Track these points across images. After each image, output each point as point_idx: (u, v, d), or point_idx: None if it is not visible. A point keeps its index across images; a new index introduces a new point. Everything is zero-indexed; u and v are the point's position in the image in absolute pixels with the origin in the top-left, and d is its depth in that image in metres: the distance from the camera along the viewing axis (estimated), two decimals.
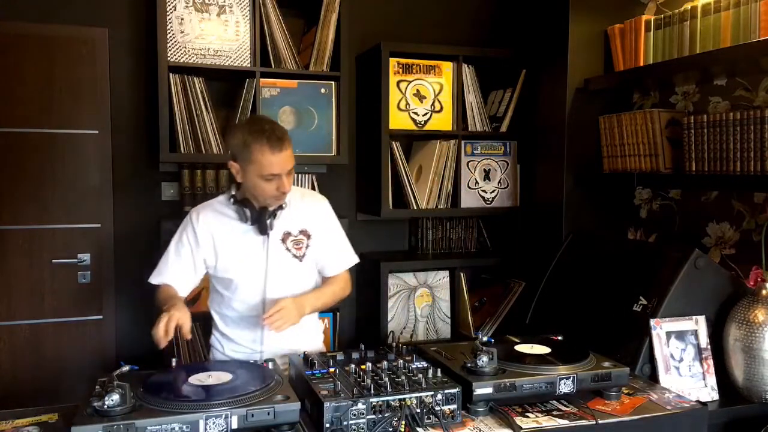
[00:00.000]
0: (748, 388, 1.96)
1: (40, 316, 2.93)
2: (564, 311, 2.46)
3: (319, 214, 2.14)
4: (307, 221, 2.08)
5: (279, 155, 1.87)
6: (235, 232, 2.01)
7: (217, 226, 2.02)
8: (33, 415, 1.65)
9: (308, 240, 2.07)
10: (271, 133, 1.88)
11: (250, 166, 1.89)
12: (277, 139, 1.88)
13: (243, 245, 2.02)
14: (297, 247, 2.05)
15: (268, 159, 1.87)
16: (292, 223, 2.06)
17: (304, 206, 2.10)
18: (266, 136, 1.86)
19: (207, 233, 2.02)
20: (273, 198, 1.95)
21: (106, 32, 2.95)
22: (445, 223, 3.38)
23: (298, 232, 2.06)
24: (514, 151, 3.30)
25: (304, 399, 1.58)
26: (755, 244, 2.33)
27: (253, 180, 1.91)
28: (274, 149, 1.87)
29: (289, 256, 2.04)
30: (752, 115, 2.13)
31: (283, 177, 1.91)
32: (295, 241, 2.05)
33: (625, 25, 2.73)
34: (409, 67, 3.10)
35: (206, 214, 2.04)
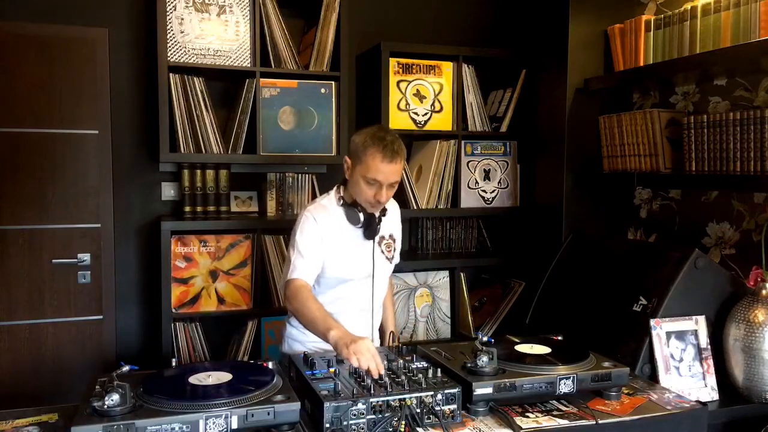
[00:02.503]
0: (748, 388, 1.96)
1: (40, 316, 2.94)
2: (564, 311, 2.46)
3: (398, 220, 2.31)
4: (392, 227, 2.24)
5: (387, 165, 1.97)
6: (345, 233, 2.09)
7: (330, 226, 2.09)
8: (33, 415, 1.65)
9: (394, 243, 2.24)
10: (389, 143, 1.99)
11: (359, 166, 2.00)
12: (392, 151, 1.98)
13: (352, 246, 2.10)
14: (388, 249, 2.21)
15: (377, 165, 1.96)
16: (385, 228, 2.18)
17: (391, 213, 2.22)
18: (384, 144, 1.97)
19: (324, 232, 2.07)
20: (368, 203, 2.04)
21: (106, 32, 2.95)
22: (445, 223, 3.38)
23: (389, 236, 2.22)
24: (514, 151, 3.30)
25: (304, 399, 1.58)
26: (755, 244, 2.33)
27: (357, 179, 2.02)
28: (386, 158, 1.96)
29: (383, 258, 2.19)
30: (752, 115, 2.13)
31: (384, 187, 2.00)
32: (387, 244, 2.20)
33: (625, 25, 2.73)
34: (409, 67, 3.11)
35: (319, 213, 2.09)
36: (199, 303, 2.85)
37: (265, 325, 2.94)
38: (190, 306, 2.83)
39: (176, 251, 2.79)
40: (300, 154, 2.96)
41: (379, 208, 2.08)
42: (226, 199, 3.02)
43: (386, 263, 2.21)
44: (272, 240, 2.92)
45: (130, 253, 3.06)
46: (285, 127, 2.94)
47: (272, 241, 2.92)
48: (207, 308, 2.85)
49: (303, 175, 3.11)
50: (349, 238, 2.10)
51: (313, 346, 2.11)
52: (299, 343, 2.17)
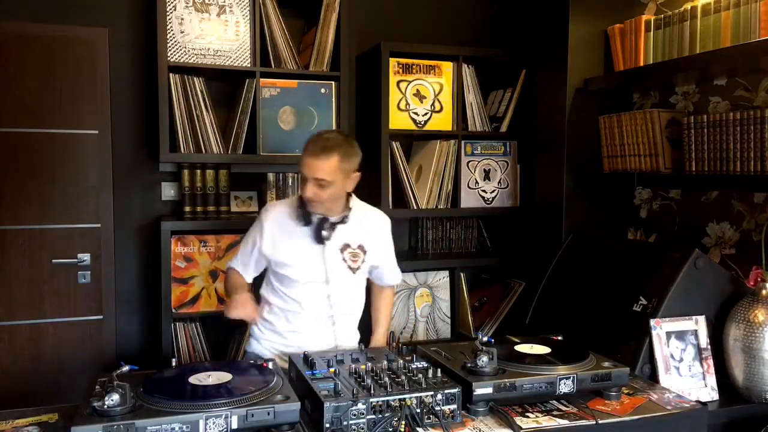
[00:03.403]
0: (748, 388, 1.96)
1: (40, 316, 2.93)
2: (564, 311, 2.46)
3: (379, 232, 2.25)
4: (366, 237, 2.18)
5: (312, 159, 1.99)
6: (296, 232, 2.10)
7: (285, 223, 2.12)
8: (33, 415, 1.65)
9: (364, 255, 2.17)
10: (320, 140, 2.03)
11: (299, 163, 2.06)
12: (320, 147, 2.00)
13: (303, 247, 2.10)
14: (353, 259, 2.15)
15: (304, 159, 2.02)
16: (353, 236, 2.15)
17: (366, 223, 2.20)
18: (314, 140, 2.03)
19: (272, 228, 2.13)
20: (305, 200, 2.05)
21: (106, 32, 2.95)
22: (445, 223, 3.38)
23: (357, 246, 2.16)
24: (514, 151, 3.30)
25: (304, 399, 1.58)
26: (755, 244, 2.33)
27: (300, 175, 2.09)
28: (311, 152, 2.00)
29: (344, 266, 2.14)
30: (752, 115, 2.13)
31: (310, 183, 2.00)
32: (353, 253, 2.15)
33: (625, 25, 2.73)
34: (409, 67, 3.11)
35: (276, 210, 2.17)
36: (199, 303, 2.85)
37: None
38: (190, 306, 2.83)
39: (176, 251, 2.79)
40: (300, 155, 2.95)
41: (315, 206, 2.05)
42: (226, 199, 3.02)
43: (346, 272, 2.15)
44: None
45: (130, 253, 3.06)
46: (285, 127, 2.94)
47: None
48: (207, 308, 2.85)
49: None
50: (301, 239, 2.10)
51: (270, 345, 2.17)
52: (256, 341, 2.22)
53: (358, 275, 2.18)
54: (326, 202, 2.05)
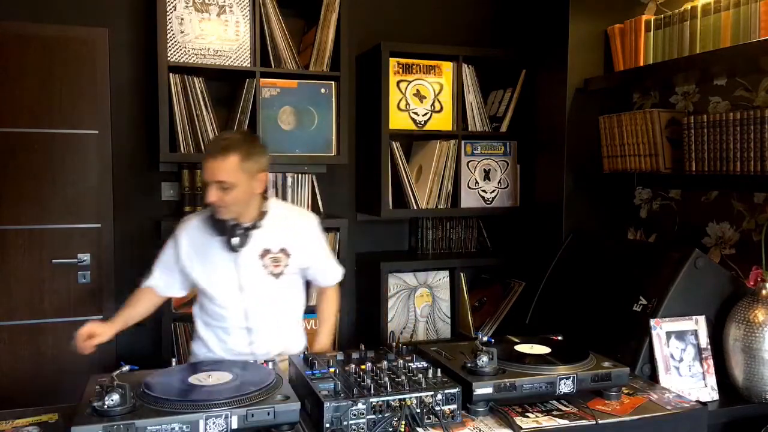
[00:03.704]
0: (748, 388, 1.96)
1: (40, 316, 2.93)
2: (564, 311, 2.46)
3: (303, 232, 2.12)
4: (288, 240, 2.07)
5: (211, 161, 1.88)
6: (212, 245, 2.01)
7: (198, 236, 2.05)
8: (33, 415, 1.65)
9: (287, 258, 2.06)
10: (219, 141, 1.94)
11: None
12: (218, 148, 1.89)
13: (217, 258, 2.02)
14: (275, 264, 2.04)
15: (203, 162, 1.91)
16: (273, 240, 2.04)
17: (287, 225, 2.08)
18: (213, 142, 1.94)
19: (187, 242, 2.06)
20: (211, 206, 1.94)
21: (106, 32, 2.94)
22: (445, 223, 3.38)
23: (278, 250, 2.05)
24: (514, 151, 3.30)
25: (304, 399, 1.58)
26: (755, 244, 2.33)
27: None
28: (209, 155, 1.89)
29: (265, 273, 2.04)
30: (752, 115, 2.13)
31: (212, 188, 1.88)
32: (274, 258, 2.04)
33: (625, 25, 2.73)
34: (409, 67, 3.10)
35: (191, 224, 2.08)
36: None
37: None
38: (190, 306, 2.82)
39: None
40: (300, 154, 2.96)
41: (222, 212, 1.93)
42: None
43: (267, 278, 2.04)
44: None
45: (130, 253, 3.06)
46: (285, 127, 2.94)
47: None
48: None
49: (303, 175, 3.11)
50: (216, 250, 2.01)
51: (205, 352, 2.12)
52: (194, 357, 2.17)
53: (282, 280, 2.06)
54: (232, 206, 1.92)
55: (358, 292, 3.33)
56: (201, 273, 2.05)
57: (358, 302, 3.33)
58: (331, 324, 2.27)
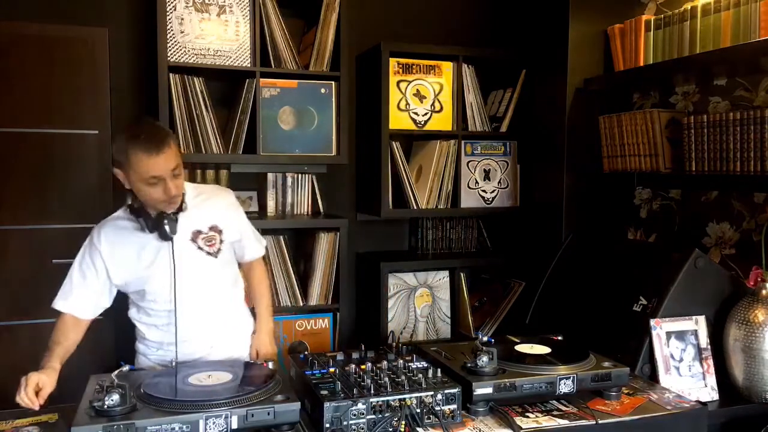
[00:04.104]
0: (748, 388, 1.96)
1: (40, 316, 2.93)
2: (564, 311, 2.46)
3: (227, 207, 2.10)
4: (215, 216, 2.03)
5: (156, 158, 1.78)
6: (139, 244, 1.94)
7: (120, 241, 1.95)
8: (33, 415, 1.65)
9: (220, 235, 2.02)
10: (147, 135, 1.80)
11: (131, 171, 1.81)
12: (154, 142, 1.79)
13: (149, 255, 1.95)
14: (210, 244, 2.00)
15: (145, 163, 1.78)
16: (200, 220, 2.00)
17: (209, 202, 2.05)
18: (141, 140, 1.79)
19: (110, 251, 1.94)
20: (163, 203, 1.87)
21: (106, 32, 2.94)
22: (445, 223, 3.38)
23: (208, 229, 2.01)
24: (514, 151, 3.30)
25: (304, 399, 1.58)
26: (755, 244, 2.33)
27: (138, 186, 1.84)
28: (151, 152, 1.78)
29: (202, 254, 1.99)
30: (752, 115, 2.13)
31: (168, 180, 1.82)
32: (207, 238, 2.00)
33: (625, 25, 2.73)
34: (409, 67, 3.10)
35: (107, 231, 1.97)
36: None
37: None
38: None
39: None
40: (300, 154, 2.95)
41: (176, 203, 1.89)
42: None
43: (207, 259, 1.99)
44: (272, 240, 2.91)
45: None
46: (285, 127, 2.94)
47: (272, 241, 2.91)
48: None
49: (303, 175, 3.11)
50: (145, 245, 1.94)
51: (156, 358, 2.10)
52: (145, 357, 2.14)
53: (221, 258, 2.02)
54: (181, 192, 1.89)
55: (358, 292, 3.33)
56: (133, 274, 1.95)
57: (358, 302, 3.33)
58: (269, 297, 2.23)
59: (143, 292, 1.99)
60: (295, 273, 2.96)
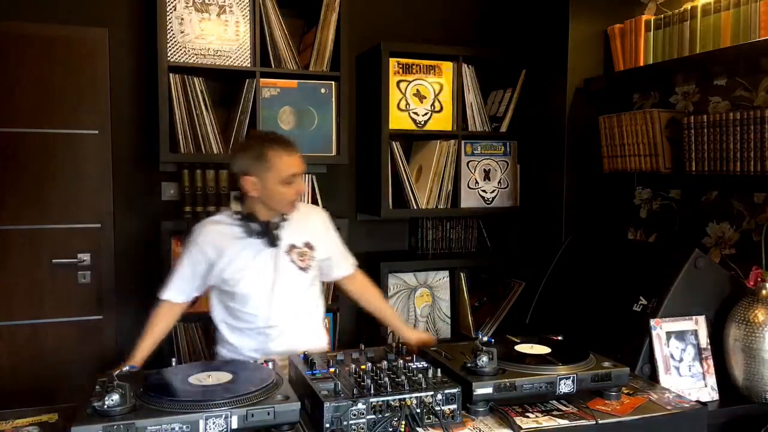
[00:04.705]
0: (748, 388, 1.96)
1: (40, 316, 2.93)
2: (564, 311, 2.46)
3: (321, 225, 2.22)
4: (309, 233, 2.15)
5: (295, 156, 2.01)
6: (240, 246, 2.05)
7: (223, 242, 2.05)
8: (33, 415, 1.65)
9: (311, 252, 2.13)
10: (281, 138, 2.03)
11: (268, 174, 1.97)
12: (289, 143, 2.02)
13: (250, 259, 2.05)
14: (301, 259, 2.11)
15: (286, 161, 1.97)
16: (296, 235, 2.11)
17: (306, 219, 2.16)
18: (280, 142, 2.00)
19: (212, 250, 2.05)
20: (290, 203, 2.03)
21: (106, 32, 2.94)
22: (445, 223, 3.38)
23: (303, 245, 2.12)
24: (514, 151, 3.30)
25: (304, 399, 1.58)
26: (755, 244, 2.33)
27: (273, 187, 1.98)
28: (291, 152, 1.99)
29: (294, 267, 2.10)
30: (752, 115, 2.13)
31: (298, 177, 2.02)
32: (300, 253, 2.11)
33: (625, 25, 2.73)
34: (409, 67, 3.10)
35: (209, 231, 2.08)
36: (199, 303, 2.83)
37: None
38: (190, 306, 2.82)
39: (176, 251, 2.79)
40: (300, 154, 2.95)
41: (298, 203, 2.07)
42: (226, 199, 3.01)
43: (297, 273, 2.10)
44: None
45: (130, 253, 3.06)
46: (285, 127, 2.94)
47: None
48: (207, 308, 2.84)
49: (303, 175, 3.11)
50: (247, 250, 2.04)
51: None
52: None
53: (309, 274, 2.13)
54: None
55: None
56: (232, 274, 2.04)
57: None
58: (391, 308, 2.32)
59: (236, 295, 2.07)
60: None
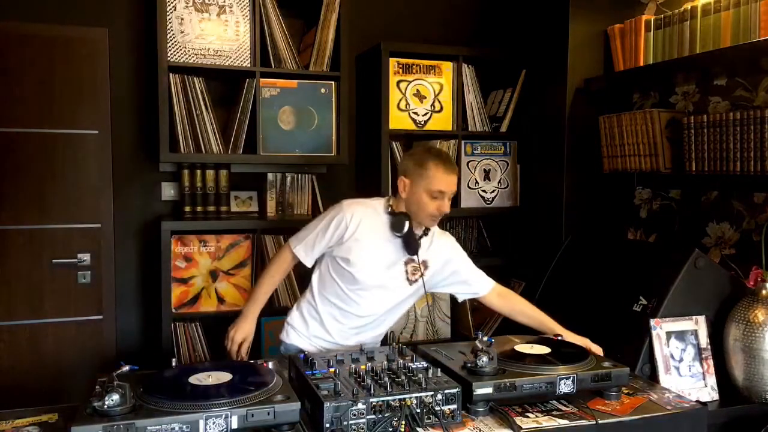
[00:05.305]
0: (748, 388, 1.96)
1: (40, 316, 2.93)
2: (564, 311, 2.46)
3: (444, 249, 2.24)
4: (429, 253, 2.19)
5: (450, 176, 2.06)
6: (376, 234, 2.11)
7: (367, 224, 2.11)
8: (33, 415, 1.65)
9: (424, 270, 2.18)
10: (447, 157, 2.11)
11: (421, 181, 2.05)
12: (452, 164, 2.09)
13: (379, 250, 2.11)
14: (413, 272, 2.16)
15: (441, 176, 2.04)
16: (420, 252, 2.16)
17: (434, 241, 2.21)
18: (443, 158, 2.08)
19: (356, 226, 2.10)
20: (430, 217, 2.08)
21: (106, 32, 2.95)
22: (445, 223, 3.37)
23: (420, 261, 2.17)
24: (514, 151, 3.30)
25: (304, 399, 1.58)
26: (755, 244, 2.33)
27: (419, 194, 2.06)
28: (448, 169, 2.06)
29: (403, 277, 2.16)
30: (752, 115, 2.13)
31: (446, 198, 2.06)
32: (414, 267, 2.16)
33: (625, 25, 2.73)
34: (409, 67, 3.10)
35: (360, 211, 2.13)
36: (199, 303, 2.85)
37: (265, 325, 2.93)
38: (190, 306, 2.83)
39: (176, 251, 2.79)
40: (300, 154, 2.96)
41: (438, 220, 2.12)
42: (226, 199, 3.02)
43: (403, 282, 2.16)
44: (272, 240, 2.92)
45: (130, 253, 3.06)
46: (285, 127, 2.94)
47: (272, 241, 2.92)
48: (207, 308, 2.85)
49: (303, 175, 3.11)
50: (383, 244, 2.11)
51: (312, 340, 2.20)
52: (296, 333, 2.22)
53: (414, 288, 2.18)
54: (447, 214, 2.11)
55: None
56: (359, 257, 2.09)
57: None
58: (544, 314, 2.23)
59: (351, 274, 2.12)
60: (295, 273, 2.96)
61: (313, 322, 2.20)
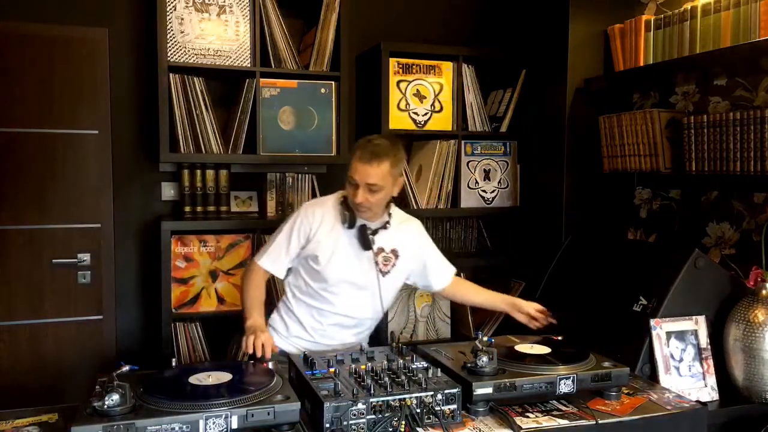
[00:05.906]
0: (748, 388, 1.96)
1: (40, 316, 2.93)
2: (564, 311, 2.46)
3: (412, 236, 2.26)
4: (398, 242, 2.20)
5: (364, 166, 2.01)
6: (341, 232, 2.12)
7: (330, 221, 2.13)
8: (33, 415, 1.65)
9: (395, 260, 2.19)
10: (370, 146, 2.05)
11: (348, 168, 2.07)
12: (370, 153, 2.03)
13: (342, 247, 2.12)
14: (384, 263, 2.17)
15: (355, 163, 2.04)
16: (387, 241, 2.18)
17: (399, 229, 2.22)
18: (368, 148, 2.04)
19: (318, 224, 2.13)
20: (355, 206, 2.07)
21: (106, 32, 2.95)
22: (445, 223, 3.38)
23: (389, 251, 2.18)
24: (514, 151, 3.30)
25: (304, 399, 1.58)
26: (755, 244, 2.33)
27: (347, 182, 2.08)
28: (363, 159, 2.02)
29: (374, 269, 2.15)
30: (752, 115, 2.13)
31: (360, 188, 2.03)
32: (385, 257, 2.17)
33: (625, 25, 2.73)
34: (409, 67, 3.10)
35: (324, 208, 2.16)
36: (199, 303, 2.85)
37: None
38: (190, 306, 2.83)
39: (176, 251, 2.79)
40: (300, 154, 2.96)
41: (363, 212, 2.08)
42: (226, 199, 3.02)
43: (377, 276, 2.16)
44: None
45: (130, 253, 3.06)
46: (285, 127, 2.94)
47: None
48: (207, 308, 2.85)
49: (303, 175, 3.11)
50: (343, 239, 2.13)
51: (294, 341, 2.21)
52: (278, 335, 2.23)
53: (388, 279, 2.19)
54: (375, 207, 2.08)
55: None
56: (324, 255, 2.11)
57: None
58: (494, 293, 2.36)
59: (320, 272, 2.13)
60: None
61: (292, 323, 2.22)
